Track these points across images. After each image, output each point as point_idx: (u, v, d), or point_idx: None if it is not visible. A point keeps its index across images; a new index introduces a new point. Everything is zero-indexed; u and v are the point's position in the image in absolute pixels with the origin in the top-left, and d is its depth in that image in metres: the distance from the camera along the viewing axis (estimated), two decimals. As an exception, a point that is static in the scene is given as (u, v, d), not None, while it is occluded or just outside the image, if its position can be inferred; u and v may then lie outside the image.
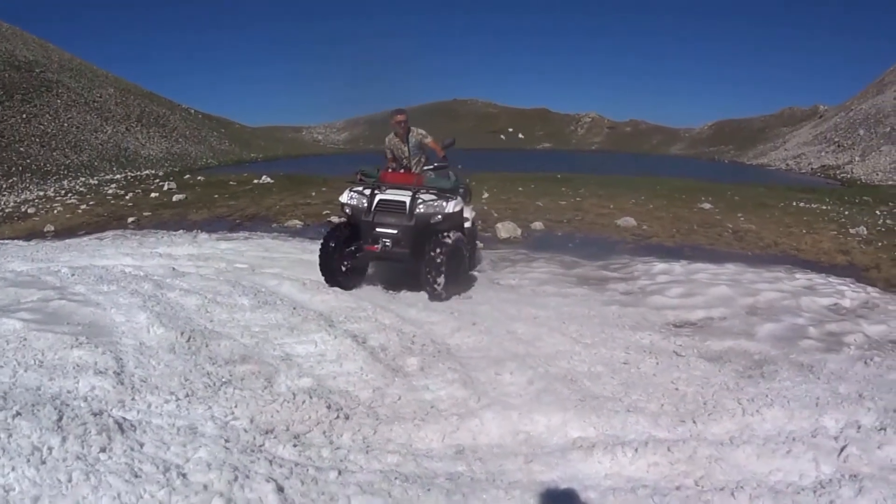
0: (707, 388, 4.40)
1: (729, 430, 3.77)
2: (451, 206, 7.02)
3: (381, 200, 7.00)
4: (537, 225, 13.14)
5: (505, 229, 12.37)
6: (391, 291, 7.12)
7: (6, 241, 12.98)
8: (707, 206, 16.37)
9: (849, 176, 45.34)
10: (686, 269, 9.24)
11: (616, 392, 4.33)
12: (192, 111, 72.17)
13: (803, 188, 25.54)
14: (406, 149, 7.97)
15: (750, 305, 7.10)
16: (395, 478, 3.12)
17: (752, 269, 9.31)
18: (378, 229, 6.94)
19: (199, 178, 27.00)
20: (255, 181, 23.26)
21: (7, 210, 22.16)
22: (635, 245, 11.98)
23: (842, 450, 3.46)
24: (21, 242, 12.68)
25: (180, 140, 58.00)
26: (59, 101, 48.10)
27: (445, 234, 6.94)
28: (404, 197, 6.97)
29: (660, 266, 9.42)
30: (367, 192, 7.12)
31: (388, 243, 6.91)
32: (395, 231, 6.90)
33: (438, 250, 6.70)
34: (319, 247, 7.20)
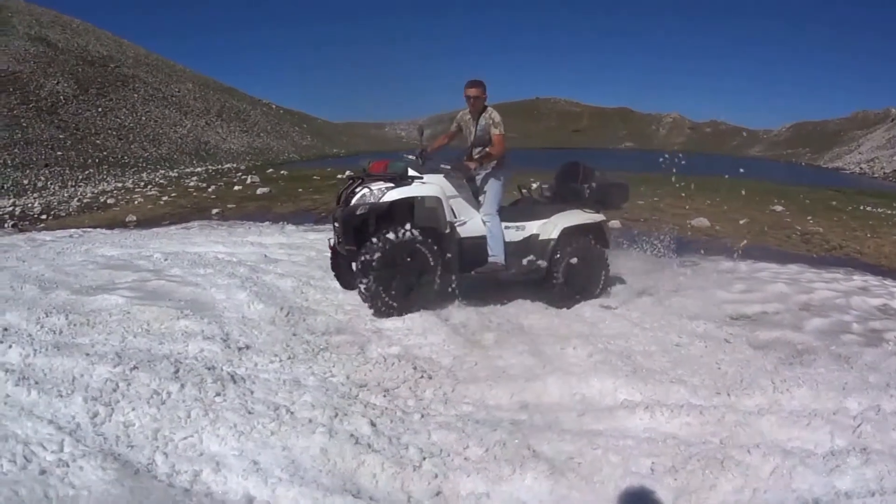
0: (746, 369, 4.76)
1: (759, 403, 4.18)
2: (390, 196, 5.83)
3: (351, 192, 6.16)
4: (614, 223, 13.35)
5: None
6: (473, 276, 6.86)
7: (88, 230, 13.53)
8: (779, 208, 16.36)
9: (920, 181, 43.79)
10: (751, 267, 9.62)
11: (664, 367, 4.80)
12: (274, 106, 73.49)
13: (873, 192, 25.15)
14: (473, 130, 6.56)
15: (804, 302, 7.38)
16: (468, 420, 3.79)
17: (813, 270, 9.59)
18: (336, 224, 6.24)
19: (281, 172, 27.65)
20: (339, 176, 23.44)
21: (85, 200, 22.64)
22: (707, 245, 12.24)
23: (857, 427, 3.80)
24: (104, 231, 13.20)
25: (261, 135, 59.11)
26: (135, 95, 49.28)
27: (397, 229, 5.77)
28: (353, 187, 6.15)
29: (726, 264, 9.75)
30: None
31: (338, 239, 6.22)
32: (338, 225, 6.16)
33: (367, 247, 5.71)
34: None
